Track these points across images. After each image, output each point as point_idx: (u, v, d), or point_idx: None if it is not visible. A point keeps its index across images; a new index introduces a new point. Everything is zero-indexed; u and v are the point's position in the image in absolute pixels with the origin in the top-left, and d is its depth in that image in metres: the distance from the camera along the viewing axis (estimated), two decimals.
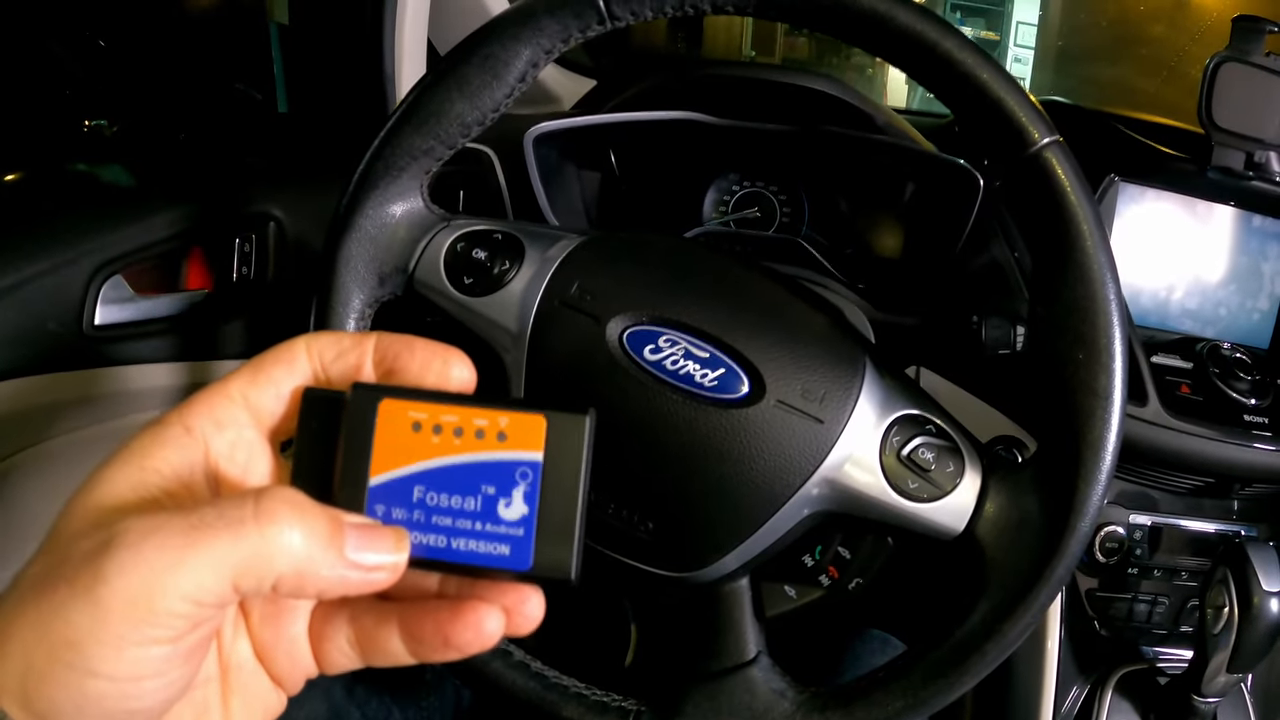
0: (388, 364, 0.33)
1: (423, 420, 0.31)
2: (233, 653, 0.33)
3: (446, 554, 0.31)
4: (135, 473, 0.29)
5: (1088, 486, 0.47)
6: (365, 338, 0.33)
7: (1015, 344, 0.68)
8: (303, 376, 0.33)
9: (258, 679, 0.33)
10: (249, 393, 0.32)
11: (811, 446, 0.49)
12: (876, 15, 0.48)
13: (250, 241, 0.84)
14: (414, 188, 0.54)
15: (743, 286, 0.54)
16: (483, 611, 0.32)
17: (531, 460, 0.31)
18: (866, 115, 0.83)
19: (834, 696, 0.49)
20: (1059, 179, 0.48)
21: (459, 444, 0.31)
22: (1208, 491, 0.80)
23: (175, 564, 0.26)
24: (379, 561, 0.29)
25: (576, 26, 0.51)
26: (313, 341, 0.33)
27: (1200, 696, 0.70)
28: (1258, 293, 0.82)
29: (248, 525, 0.27)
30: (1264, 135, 0.79)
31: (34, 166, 1.02)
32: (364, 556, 0.29)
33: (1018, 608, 0.47)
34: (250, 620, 0.33)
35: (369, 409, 0.31)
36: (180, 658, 0.27)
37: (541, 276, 0.53)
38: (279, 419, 0.32)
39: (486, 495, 0.31)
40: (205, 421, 0.31)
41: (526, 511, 0.31)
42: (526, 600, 0.32)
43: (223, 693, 0.32)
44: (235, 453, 0.31)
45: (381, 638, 0.33)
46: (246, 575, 0.27)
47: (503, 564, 0.31)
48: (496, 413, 0.31)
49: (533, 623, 0.32)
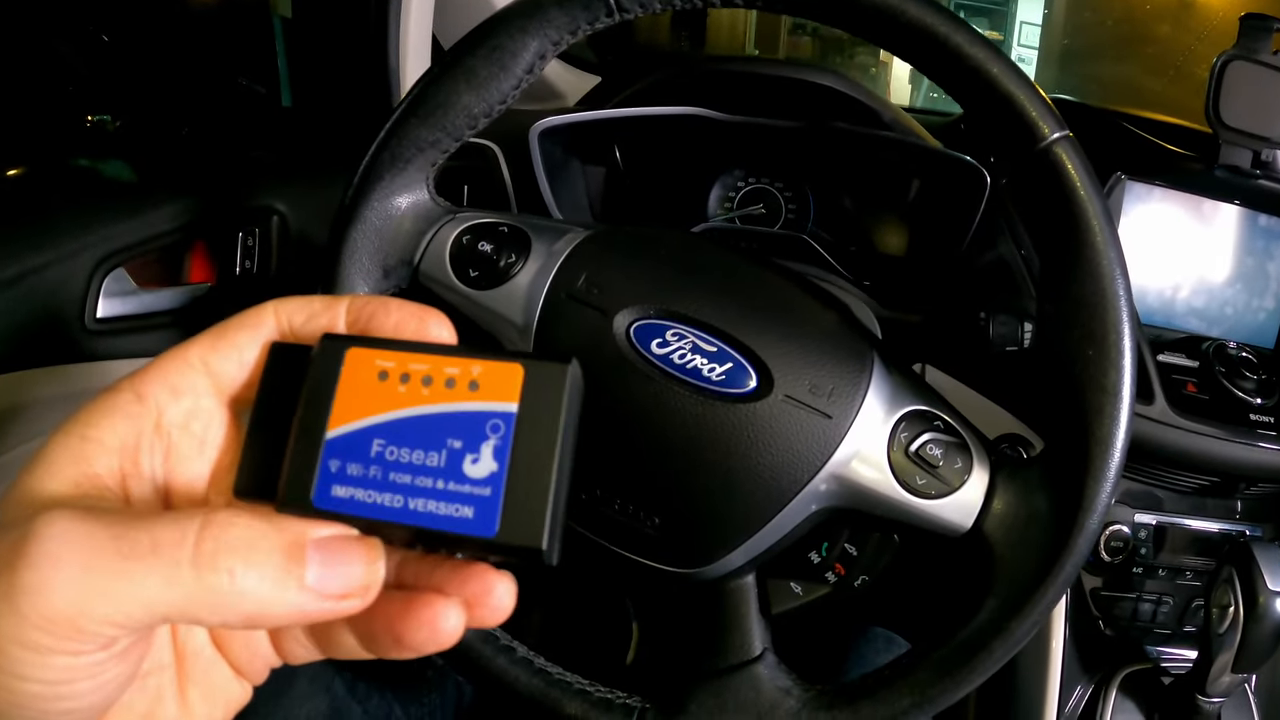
0: (361, 325, 0.30)
1: (390, 369, 0.28)
2: (189, 641, 0.31)
3: (402, 515, 0.27)
4: (76, 444, 0.27)
5: (1097, 483, 0.46)
6: (338, 300, 0.31)
7: (1022, 341, 0.68)
8: (269, 341, 0.30)
9: (217, 667, 0.32)
10: (210, 358, 0.29)
11: (819, 442, 0.48)
12: (887, 9, 0.48)
13: (253, 235, 0.84)
14: (420, 180, 0.54)
15: (751, 281, 0.53)
16: (438, 607, 0.28)
17: (504, 412, 0.27)
18: (873, 111, 0.82)
19: (840, 694, 0.49)
20: (1069, 174, 0.47)
21: (427, 394, 0.28)
22: (1213, 491, 0.79)
23: (101, 591, 0.24)
24: (347, 587, 0.26)
25: (585, 18, 0.51)
26: (281, 305, 0.31)
27: (1205, 696, 0.69)
28: (1264, 292, 0.82)
29: (183, 569, 0.24)
30: (1271, 134, 0.79)
31: (37, 161, 1.02)
32: (329, 585, 0.26)
33: (1025, 605, 0.47)
34: None
35: (335, 358, 0.28)
36: (114, 660, 0.25)
37: (548, 270, 0.52)
38: (240, 386, 0.30)
39: (453, 450, 0.27)
40: (160, 388, 0.29)
41: (496, 469, 0.27)
42: (492, 589, 0.29)
43: (179, 681, 0.31)
44: (191, 422, 0.29)
45: (335, 633, 0.31)
46: (182, 615, 0.25)
47: (464, 529, 0.27)
48: (470, 361, 0.28)
49: (501, 613, 0.29)
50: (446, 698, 0.81)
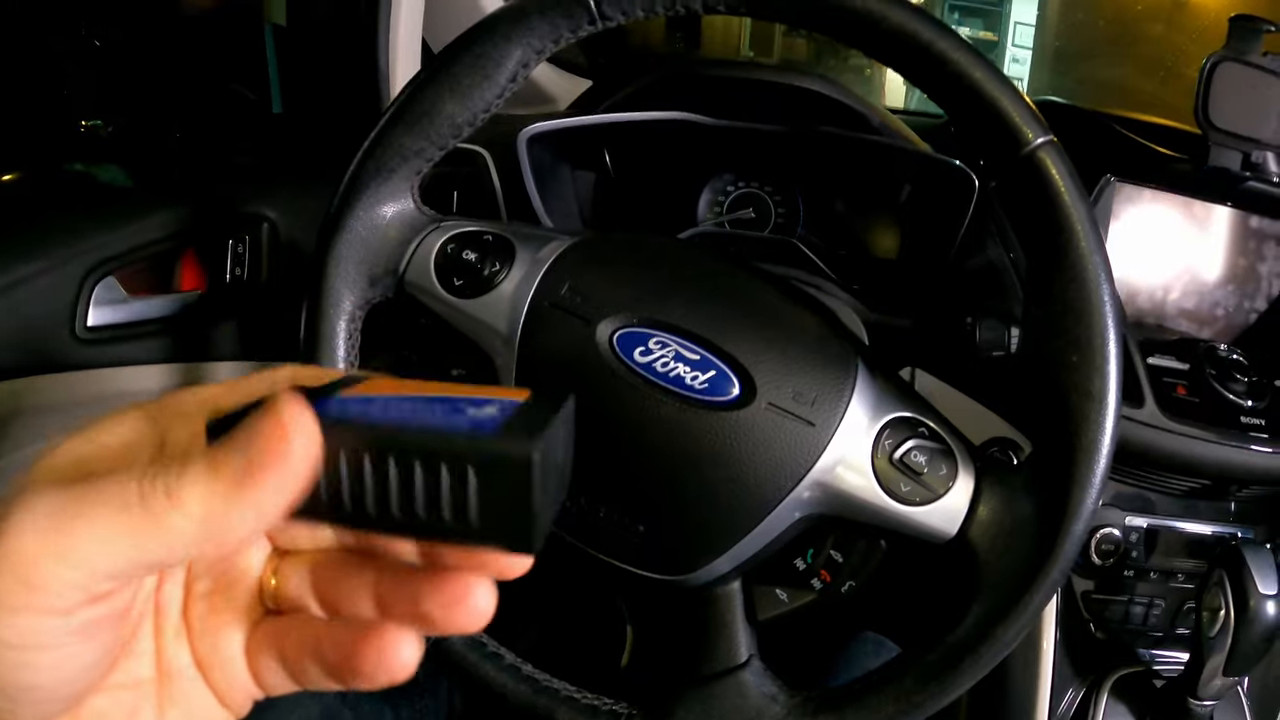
0: None
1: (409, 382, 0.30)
2: (174, 659, 0.31)
3: (404, 424, 0.27)
4: (81, 445, 0.28)
5: (1081, 490, 0.47)
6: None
7: (1009, 345, 0.68)
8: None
9: (199, 692, 0.32)
10: (222, 403, 0.30)
11: (803, 449, 0.48)
12: (870, 15, 0.48)
13: (243, 243, 0.84)
14: (405, 189, 0.54)
15: (734, 288, 0.53)
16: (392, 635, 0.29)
17: (512, 400, 0.29)
18: (862, 116, 0.82)
19: (826, 700, 0.49)
20: (1053, 179, 0.47)
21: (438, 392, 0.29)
22: (1204, 494, 0.79)
23: (62, 529, 0.25)
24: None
25: (567, 26, 0.51)
26: (299, 373, 0.31)
27: (1196, 699, 0.69)
28: (1255, 294, 0.82)
29: (131, 503, 0.25)
30: (1261, 135, 0.79)
31: (30, 166, 1.02)
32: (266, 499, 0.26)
33: (1011, 612, 0.47)
34: (190, 629, 0.32)
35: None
36: (76, 633, 0.26)
37: (531, 278, 0.52)
38: None
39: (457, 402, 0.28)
40: (171, 416, 0.29)
41: (496, 412, 0.28)
42: (470, 591, 0.29)
43: (158, 700, 0.31)
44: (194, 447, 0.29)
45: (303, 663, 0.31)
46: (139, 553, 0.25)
47: (464, 426, 0.27)
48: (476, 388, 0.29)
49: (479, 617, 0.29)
50: (439, 702, 0.81)
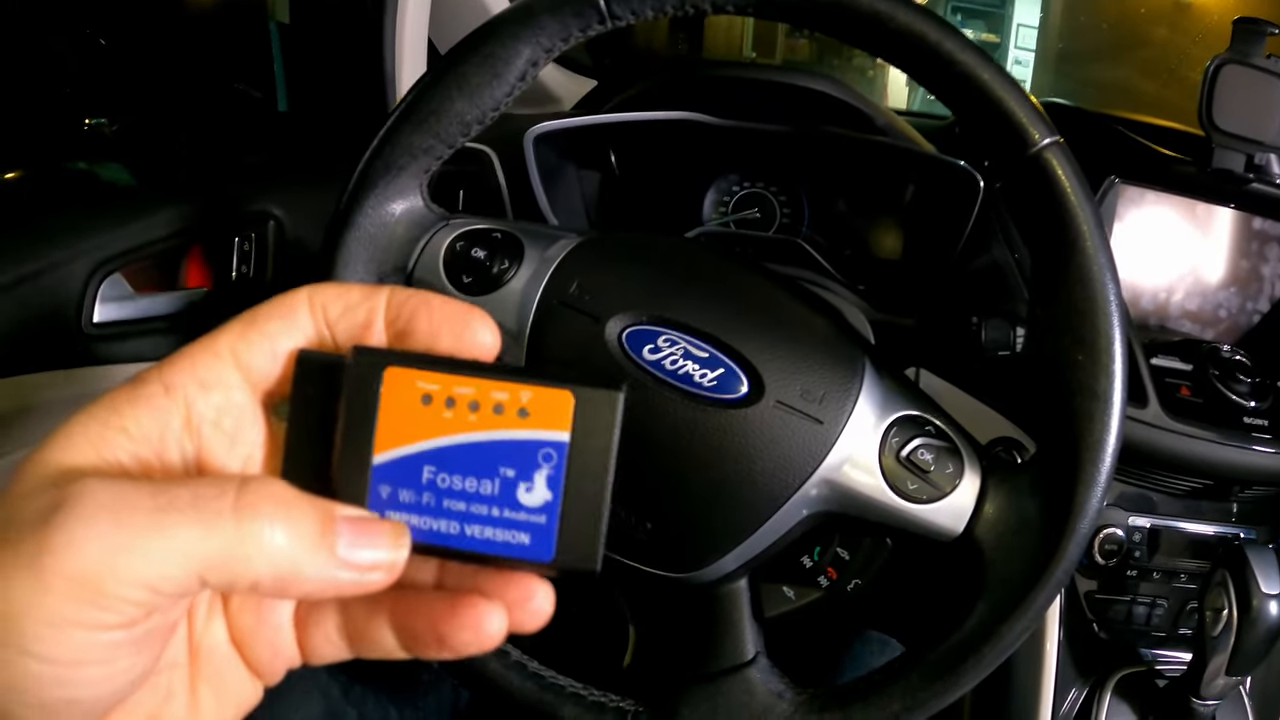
0: (401, 323, 0.29)
1: (434, 392, 0.28)
2: (205, 637, 0.30)
3: (459, 541, 0.28)
4: (98, 430, 0.26)
5: (1087, 489, 0.47)
6: (376, 291, 0.29)
7: (1015, 345, 0.68)
8: (303, 334, 0.29)
9: (232, 667, 0.30)
10: (240, 349, 0.28)
11: (810, 447, 0.49)
12: (877, 15, 0.48)
13: (250, 240, 0.84)
14: (413, 186, 0.54)
15: (743, 287, 0.54)
16: (483, 609, 0.28)
17: (557, 441, 0.28)
18: (866, 116, 0.83)
19: (832, 698, 0.49)
20: (1059, 180, 0.48)
21: (475, 420, 0.27)
22: (1207, 494, 0.80)
23: (133, 547, 0.23)
24: (375, 560, 0.26)
25: (577, 26, 0.51)
26: (315, 293, 0.29)
27: (1199, 699, 0.69)
28: (1258, 295, 0.82)
29: (224, 517, 0.24)
30: (1264, 137, 0.79)
31: (34, 165, 1.02)
32: (358, 555, 0.26)
33: (1016, 610, 0.47)
34: (229, 604, 0.30)
35: (373, 377, 0.28)
36: (131, 645, 0.24)
37: (541, 276, 0.53)
38: (274, 380, 0.29)
39: (506, 479, 0.27)
40: (189, 380, 0.27)
41: (550, 498, 0.27)
42: (533, 595, 0.29)
43: (191, 680, 0.29)
44: (223, 418, 0.28)
45: (372, 630, 0.30)
46: (217, 571, 0.24)
47: (522, 554, 0.28)
48: (518, 386, 0.28)
49: (540, 619, 0.29)
50: (442, 701, 0.81)
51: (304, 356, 0.29)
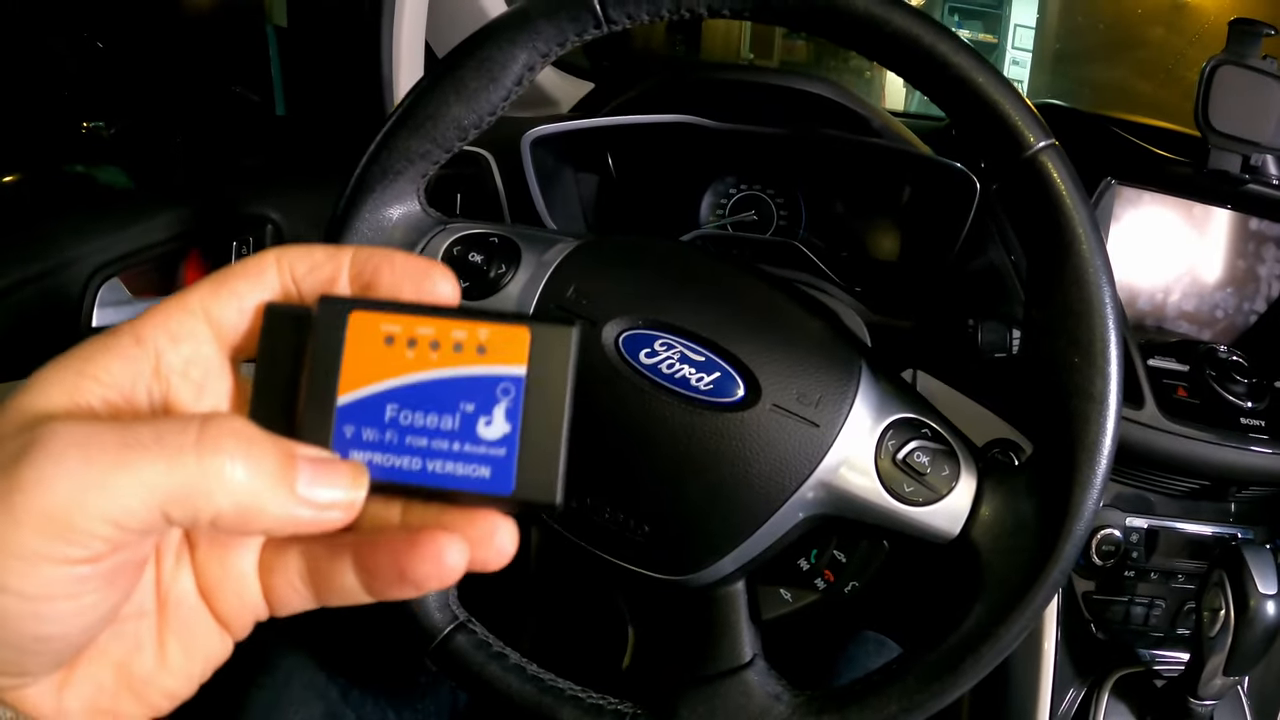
0: (365, 278, 0.30)
1: (396, 334, 0.28)
2: (173, 586, 0.30)
3: (421, 477, 0.28)
4: (72, 378, 0.27)
5: (1083, 491, 0.47)
6: (341, 251, 0.30)
7: (1011, 347, 0.68)
8: (270, 290, 0.30)
9: (200, 618, 0.31)
10: (210, 305, 0.29)
11: (807, 450, 0.49)
12: (872, 19, 0.48)
13: (247, 244, 0.84)
14: (410, 191, 0.54)
15: (739, 290, 0.54)
16: (443, 541, 0.28)
17: (514, 375, 0.28)
18: (863, 118, 0.83)
19: (829, 700, 0.50)
20: (1054, 183, 0.48)
21: (435, 358, 0.28)
22: (1204, 494, 0.80)
23: (99, 482, 0.24)
24: (333, 499, 0.27)
25: (573, 30, 0.51)
26: (283, 254, 0.30)
27: (1197, 699, 0.69)
28: (1255, 295, 0.82)
29: (186, 452, 0.25)
30: (1260, 138, 0.79)
31: (33, 168, 1.02)
32: (317, 493, 0.27)
33: (1012, 612, 0.47)
34: (195, 553, 0.31)
35: (337, 323, 0.29)
36: (99, 580, 0.25)
37: (537, 280, 0.53)
38: (242, 335, 0.30)
39: (465, 413, 0.28)
40: (159, 333, 0.28)
41: (508, 430, 0.28)
42: (496, 531, 0.29)
43: (159, 630, 0.30)
44: (190, 369, 0.29)
45: (335, 573, 0.31)
46: (179, 505, 0.25)
47: (483, 487, 0.28)
48: (476, 324, 0.28)
49: (503, 556, 0.29)
50: (440, 704, 0.81)
51: (271, 308, 0.30)
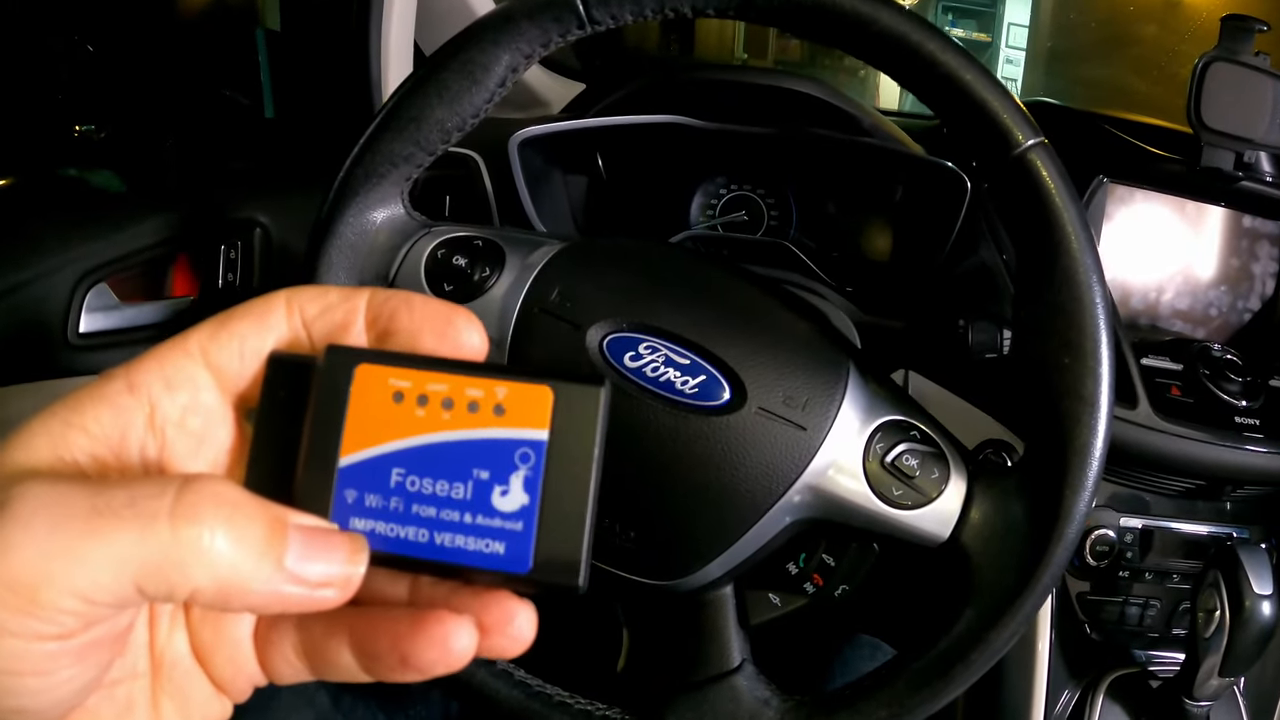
0: (382, 324, 0.28)
1: (405, 390, 0.26)
2: (168, 649, 0.28)
3: (428, 551, 0.26)
4: (59, 428, 0.25)
5: (1074, 493, 0.46)
6: (355, 292, 0.28)
7: (1002, 347, 0.68)
8: (277, 334, 0.27)
9: (196, 681, 0.29)
10: (210, 349, 0.27)
11: (794, 454, 0.48)
12: (859, 18, 0.47)
13: (235, 248, 0.84)
14: (394, 194, 0.54)
15: (724, 292, 0.53)
16: (450, 624, 0.26)
17: (534, 440, 0.26)
18: (853, 118, 0.82)
19: (819, 705, 0.49)
20: (1044, 181, 0.47)
21: (448, 419, 0.26)
22: (1199, 494, 0.79)
23: (66, 552, 0.22)
24: (327, 575, 0.24)
25: (556, 30, 0.51)
26: (294, 295, 0.28)
27: (1192, 700, 0.69)
28: (1249, 293, 0.82)
29: (160, 520, 0.22)
30: (1253, 135, 0.78)
31: (23, 171, 1.02)
32: (308, 569, 0.24)
33: (1004, 616, 0.47)
34: (190, 616, 0.29)
35: (343, 375, 0.26)
36: (71, 656, 0.23)
37: (521, 283, 0.52)
38: (247, 382, 0.27)
39: (479, 481, 0.25)
40: (154, 379, 0.26)
41: (527, 502, 0.25)
42: (513, 616, 0.27)
43: (153, 692, 0.28)
44: (189, 418, 0.27)
45: (331, 650, 0.28)
46: (153, 579, 0.22)
47: (496, 564, 0.25)
48: (493, 381, 0.26)
49: (521, 643, 0.27)
50: (432, 710, 0.81)
51: (275, 356, 0.27)
